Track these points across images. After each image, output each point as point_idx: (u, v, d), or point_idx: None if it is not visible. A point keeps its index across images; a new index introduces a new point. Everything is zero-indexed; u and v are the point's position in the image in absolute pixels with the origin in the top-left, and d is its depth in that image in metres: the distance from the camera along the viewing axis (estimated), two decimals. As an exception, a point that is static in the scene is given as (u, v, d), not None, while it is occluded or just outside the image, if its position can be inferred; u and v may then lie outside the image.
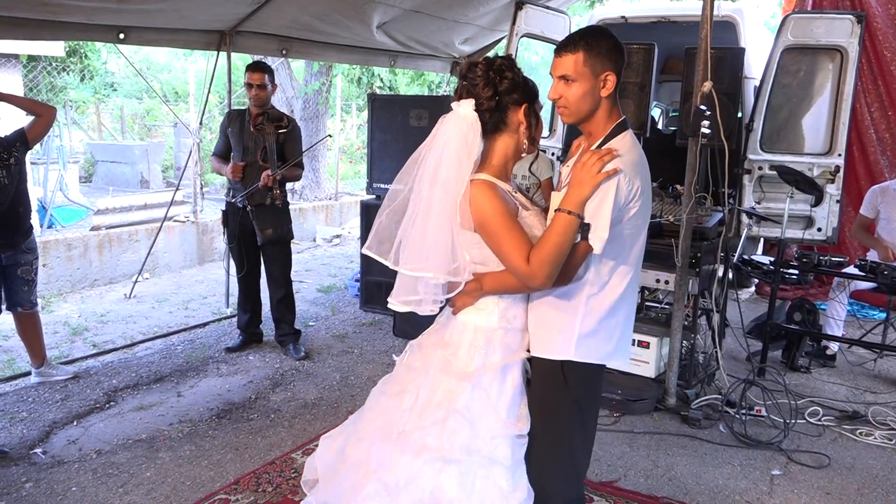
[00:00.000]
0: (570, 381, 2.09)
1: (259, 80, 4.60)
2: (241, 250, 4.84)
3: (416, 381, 2.14)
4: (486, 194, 1.99)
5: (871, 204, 5.22)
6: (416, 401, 2.10)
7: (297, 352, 4.92)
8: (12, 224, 4.03)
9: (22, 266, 4.11)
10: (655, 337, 4.27)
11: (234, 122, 4.75)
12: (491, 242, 2.01)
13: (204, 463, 3.45)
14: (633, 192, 1.97)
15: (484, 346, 2.09)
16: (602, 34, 2.03)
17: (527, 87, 2.06)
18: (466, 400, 2.04)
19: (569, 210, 1.92)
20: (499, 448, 2.03)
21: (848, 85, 5.37)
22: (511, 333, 2.12)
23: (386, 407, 2.18)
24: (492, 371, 2.07)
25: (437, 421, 2.04)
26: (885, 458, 3.72)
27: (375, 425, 2.16)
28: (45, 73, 11.73)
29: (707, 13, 3.80)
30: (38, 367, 4.36)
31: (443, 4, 5.83)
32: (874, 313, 6.12)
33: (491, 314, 2.11)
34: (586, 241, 1.95)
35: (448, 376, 2.08)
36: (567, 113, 2.07)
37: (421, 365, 2.17)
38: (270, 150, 4.60)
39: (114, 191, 10.17)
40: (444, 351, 2.13)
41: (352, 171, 14.93)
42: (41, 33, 4.64)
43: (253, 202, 4.67)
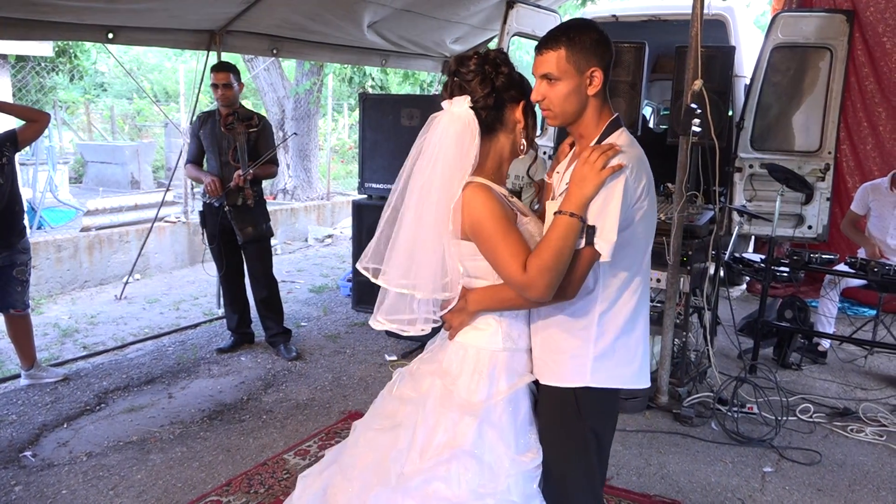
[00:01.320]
0: (585, 410, 1.88)
1: (224, 80, 4.59)
2: (221, 250, 4.82)
3: (412, 415, 1.90)
4: (480, 197, 1.80)
5: (862, 201, 5.25)
6: (413, 438, 1.86)
7: (288, 352, 4.90)
8: (8, 224, 4.04)
9: (17, 266, 4.11)
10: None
11: (206, 123, 4.74)
12: (485, 249, 1.81)
13: (195, 464, 3.44)
14: (641, 190, 1.78)
15: (488, 372, 1.87)
16: (585, 27, 1.85)
17: (523, 83, 1.89)
18: (474, 437, 1.82)
19: (570, 212, 1.72)
20: (511, 487, 1.82)
21: (837, 83, 5.41)
22: (517, 355, 1.92)
23: (378, 444, 1.92)
24: (501, 402, 1.86)
25: (442, 462, 1.81)
26: (876, 455, 3.74)
27: (365, 464, 1.91)
28: (34, 73, 11.66)
29: (697, 12, 3.81)
30: (28, 370, 4.33)
31: (434, 3, 5.82)
32: (864, 310, 6.16)
33: (494, 335, 1.90)
34: (591, 246, 1.74)
35: (450, 410, 1.86)
36: (552, 115, 1.87)
37: (416, 396, 1.93)
38: (241, 150, 4.59)
39: (104, 191, 10.12)
40: (442, 380, 1.90)
41: (344, 170, 14.91)
42: (30, 33, 4.61)
43: (229, 202, 4.66)
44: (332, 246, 9.25)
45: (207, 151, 4.75)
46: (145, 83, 16.66)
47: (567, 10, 11.08)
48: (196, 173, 4.84)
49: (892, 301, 5.72)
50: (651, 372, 4.29)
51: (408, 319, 1.88)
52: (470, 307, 1.88)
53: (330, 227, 10.00)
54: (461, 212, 1.81)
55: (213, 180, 4.63)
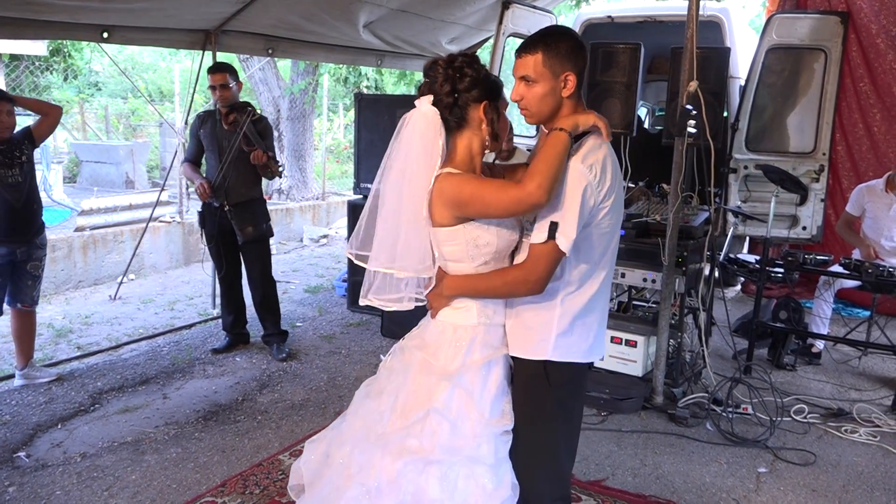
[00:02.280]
0: (553, 381, 2.07)
1: (221, 81, 4.57)
2: (220, 250, 4.81)
3: (395, 382, 2.13)
4: (450, 180, 1.98)
5: (857, 202, 5.26)
6: (395, 402, 2.08)
7: (279, 352, 4.88)
8: (28, 220, 4.15)
9: (32, 261, 4.19)
10: (642, 336, 4.28)
11: (205, 123, 4.72)
12: (477, 208, 1.97)
13: (190, 465, 3.43)
14: (605, 191, 1.96)
15: (465, 345, 2.07)
16: (562, 35, 2.03)
17: (487, 84, 2.03)
18: (446, 399, 2.01)
19: (561, 127, 1.94)
20: (481, 447, 2.00)
21: (832, 84, 5.43)
22: (492, 330, 2.11)
23: (366, 410, 2.15)
24: (473, 369, 2.05)
25: (417, 421, 2.01)
26: (870, 455, 3.75)
27: (356, 429, 2.13)
28: (28, 72, 11.62)
29: (693, 13, 3.82)
30: (23, 369, 4.32)
31: (429, 4, 5.82)
32: (858, 311, 6.17)
33: (469, 311, 2.09)
34: (553, 240, 1.92)
35: (428, 377, 2.06)
36: (529, 114, 2.05)
37: (401, 367, 2.15)
38: (252, 133, 4.54)
39: (98, 191, 10.08)
40: (423, 352, 2.11)
41: (339, 170, 14.89)
42: (24, 32, 4.59)
43: (231, 201, 4.64)
44: (327, 246, 9.24)
45: (207, 151, 4.74)
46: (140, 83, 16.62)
47: (562, 11, 11.09)
48: (190, 173, 4.82)
49: (886, 302, 5.73)
50: (646, 372, 4.31)
51: (395, 298, 2.13)
52: (446, 293, 2.09)
53: (325, 227, 9.99)
54: (434, 201, 2.01)
55: (201, 184, 4.62)
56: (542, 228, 1.94)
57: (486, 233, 2.02)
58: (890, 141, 6.17)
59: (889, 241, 5.07)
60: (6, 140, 4.02)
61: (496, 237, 2.03)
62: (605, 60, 4.98)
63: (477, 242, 2.03)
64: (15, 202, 4.04)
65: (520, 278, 2.01)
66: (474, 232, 2.02)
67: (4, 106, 3.98)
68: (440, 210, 2.01)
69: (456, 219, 2.01)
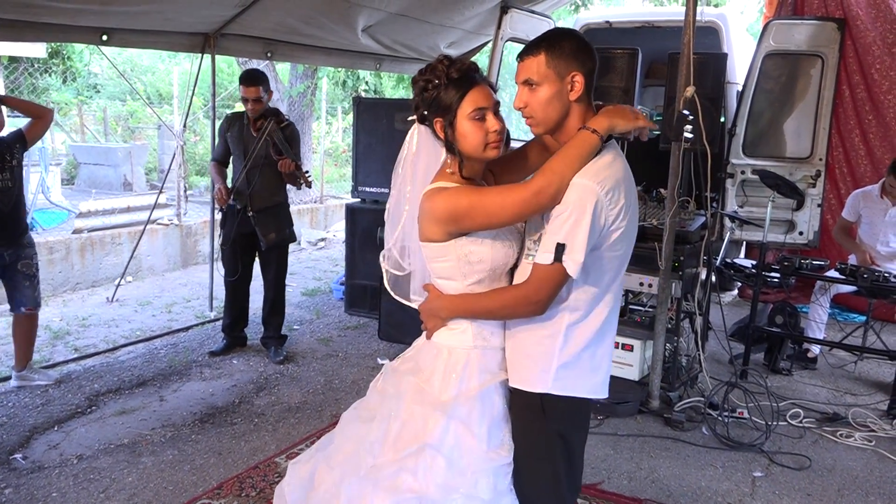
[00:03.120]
0: (550, 415, 1.92)
1: (254, 95, 4.54)
2: (236, 253, 4.82)
3: (387, 409, 1.99)
4: (443, 194, 1.87)
5: (853, 207, 5.28)
6: (387, 431, 1.95)
7: (277, 355, 4.90)
8: (13, 223, 4.15)
9: (22, 260, 4.17)
10: (639, 340, 4.29)
11: (234, 125, 4.73)
12: (478, 216, 1.84)
13: (187, 468, 3.43)
14: (618, 212, 1.80)
15: (460, 371, 1.94)
16: (566, 34, 1.89)
17: (437, 102, 1.88)
18: (441, 433, 1.88)
19: (593, 129, 1.79)
20: (479, 483, 1.87)
21: (828, 90, 5.44)
22: (489, 353, 1.98)
23: (357, 435, 2.03)
24: (469, 398, 1.91)
25: (411, 455, 1.88)
26: (865, 460, 3.76)
27: (345, 454, 2.01)
28: (27, 74, 11.63)
29: (690, 19, 3.84)
30: (20, 371, 4.32)
31: (428, 8, 5.84)
32: (854, 316, 6.19)
33: (465, 333, 1.96)
34: (560, 263, 1.77)
35: (422, 406, 1.93)
36: (535, 122, 1.89)
37: (394, 391, 2.02)
38: (281, 141, 4.54)
39: (96, 193, 10.06)
40: (417, 377, 1.98)
41: (337, 174, 14.88)
42: (24, 35, 4.60)
43: (255, 207, 4.65)
44: (325, 249, 9.25)
45: (233, 154, 4.76)
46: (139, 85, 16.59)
47: (560, 16, 11.12)
48: (214, 175, 4.86)
49: (882, 307, 5.75)
50: (643, 376, 4.32)
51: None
52: (442, 314, 1.98)
53: (323, 230, 10.00)
54: (423, 217, 1.91)
55: (219, 189, 4.68)
56: (548, 249, 1.79)
57: (480, 247, 1.90)
58: (886, 147, 6.19)
59: (885, 246, 5.08)
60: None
61: (490, 253, 1.91)
62: (602, 65, 4.92)
63: (469, 259, 1.91)
64: (3, 206, 4.03)
65: (520, 299, 1.86)
66: (467, 247, 1.89)
67: None
68: (430, 226, 1.90)
69: (448, 234, 1.89)
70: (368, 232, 5.75)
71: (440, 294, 1.99)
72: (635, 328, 4.39)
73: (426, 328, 2.04)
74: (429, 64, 1.94)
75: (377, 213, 5.68)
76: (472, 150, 1.89)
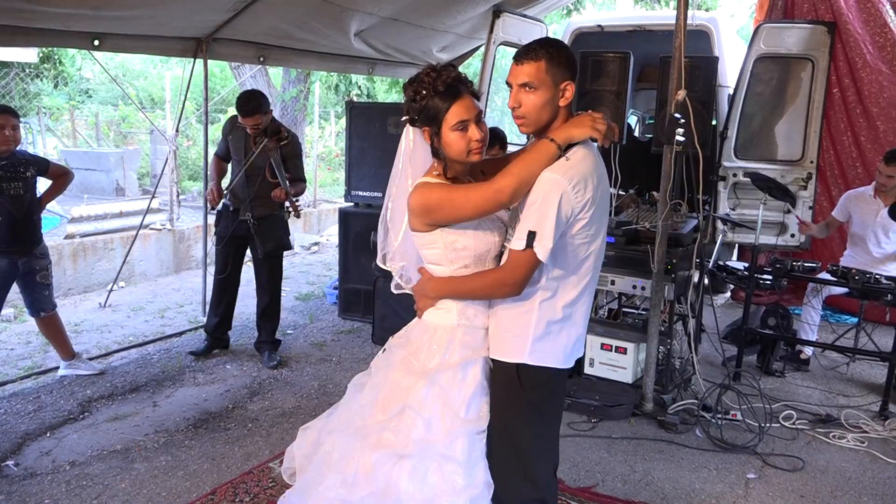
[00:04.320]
0: (526, 384, 2.12)
1: (252, 123, 4.52)
2: (228, 252, 4.84)
3: (378, 377, 2.23)
4: (420, 189, 2.08)
5: (844, 208, 5.30)
6: (377, 396, 2.18)
7: (270, 359, 4.89)
8: (27, 232, 4.27)
9: (39, 272, 4.36)
10: (632, 343, 4.30)
11: (235, 129, 4.74)
12: (446, 210, 2.05)
13: (180, 473, 3.42)
14: (583, 203, 1.99)
15: (444, 345, 2.15)
16: (562, 45, 2.09)
17: (425, 113, 2.07)
18: (422, 396, 2.09)
19: (551, 138, 1.98)
20: (454, 444, 2.06)
21: (819, 93, 5.48)
22: (472, 332, 2.18)
23: (352, 402, 2.27)
24: (451, 369, 2.12)
25: (394, 416, 2.11)
26: (858, 461, 3.78)
27: (342, 419, 2.24)
28: (18, 79, 11.58)
29: (681, 22, 3.85)
30: (69, 361, 4.60)
31: (420, 13, 5.84)
32: (846, 318, 6.22)
33: (450, 312, 2.17)
34: (531, 248, 1.97)
35: (408, 374, 2.14)
36: (526, 122, 2.07)
37: (385, 362, 2.25)
38: (277, 165, 4.56)
39: (88, 198, 10.02)
40: (405, 350, 2.21)
41: (330, 178, 14.88)
42: (15, 39, 4.57)
43: (255, 214, 4.68)
44: (318, 253, 9.23)
45: (233, 157, 4.78)
46: (131, 90, 16.58)
47: (552, 20, 11.16)
48: (212, 170, 4.88)
49: (873, 309, 5.77)
50: (636, 379, 4.33)
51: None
52: (431, 294, 2.18)
53: (316, 234, 9.98)
54: (410, 210, 2.12)
55: (211, 190, 4.73)
56: (521, 237, 1.99)
57: (463, 236, 2.10)
58: (876, 149, 6.22)
59: (876, 246, 5.10)
60: (11, 155, 4.13)
61: (473, 241, 2.11)
62: (594, 69, 5.02)
63: (454, 246, 2.11)
64: (17, 213, 4.16)
65: (498, 281, 2.08)
66: (451, 236, 2.10)
67: (10, 121, 4.09)
68: (411, 218, 2.12)
69: (426, 225, 2.10)
70: (362, 236, 5.75)
71: (430, 276, 2.20)
72: (628, 331, 4.40)
73: (418, 308, 2.24)
74: (417, 74, 2.11)
75: (370, 218, 5.72)
76: (456, 156, 2.10)
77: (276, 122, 4.75)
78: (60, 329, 4.58)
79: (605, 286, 4.34)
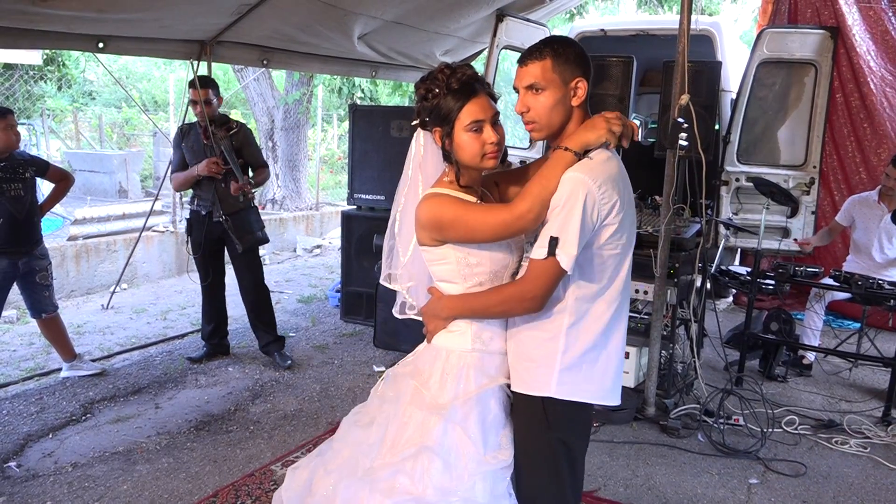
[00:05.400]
0: (552, 420, 1.91)
1: (204, 97, 4.61)
2: (206, 259, 4.83)
3: (386, 412, 2.00)
4: (433, 200, 1.90)
5: (848, 213, 5.30)
6: (385, 434, 1.95)
7: (283, 360, 4.89)
8: (27, 232, 4.29)
9: (38, 272, 4.38)
10: (634, 347, 4.29)
11: (188, 135, 4.76)
12: (459, 229, 1.87)
13: (182, 476, 3.42)
14: (610, 207, 1.79)
15: (458, 374, 1.94)
16: (568, 41, 1.90)
17: (435, 112, 1.90)
18: (439, 435, 1.87)
19: (566, 147, 1.80)
20: (476, 486, 1.86)
21: (822, 98, 5.48)
22: (487, 357, 1.97)
23: (355, 439, 2.03)
24: (466, 402, 1.91)
25: (408, 458, 1.87)
26: (860, 467, 3.77)
27: (343, 459, 2.01)
28: (22, 81, 11.61)
29: (684, 27, 3.86)
30: (71, 362, 4.60)
31: (424, 16, 5.85)
32: (849, 323, 6.21)
33: (463, 335, 1.96)
34: (554, 257, 1.77)
35: (420, 408, 1.93)
36: (537, 127, 1.89)
37: (393, 395, 2.02)
38: (228, 152, 4.60)
39: (91, 200, 10.06)
40: (415, 380, 1.98)
41: (333, 181, 14.90)
42: (20, 42, 4.59)
43: (226, 211, 4.66)
44: (320, 256, 9.24)
45: (191, 164, 4.74)
46: (134, 92, 16.63)
47: (555, 25, 11.17)
48: (184, 174, 4.78)
49: (876, 314, 5.77)
50: (638, 383, 4.32)
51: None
52: (443, 314, 1.97)
53: (319, 237, 9.99)
54: (417, 222, 1.93)
55: (207, 161, 4.58)
56: (542, 244, 1.79)
57: (477, 251, 1.91)
58: (880, 154, 6.22)
59: (879, 252, 5.10)
60: (11, 156, 4.18)
61: (489, 255, 1.92)
62: (598, 73, 5.01)
63: (467, 261, 1.92)
64: (17, 214, 4.18)
65: (516, 295, 1.86)
66: (462, 251, 1.91)
67: (9, 120, 4.13)
68: (419, 231, 1.94)
69: (434, 241, 1.92)
70: (364, 239, 5.75)
71: (441, 295, 1.99)
72: (631, 335, 4.38)
73: (427, 331, 2.03)
74: (430, 72, 1.95)
75: (373, 221, 5.73)
76: (469, 160, 1.91)
77: (223, 115, 4.85)
78: (62, 331, 4.59)
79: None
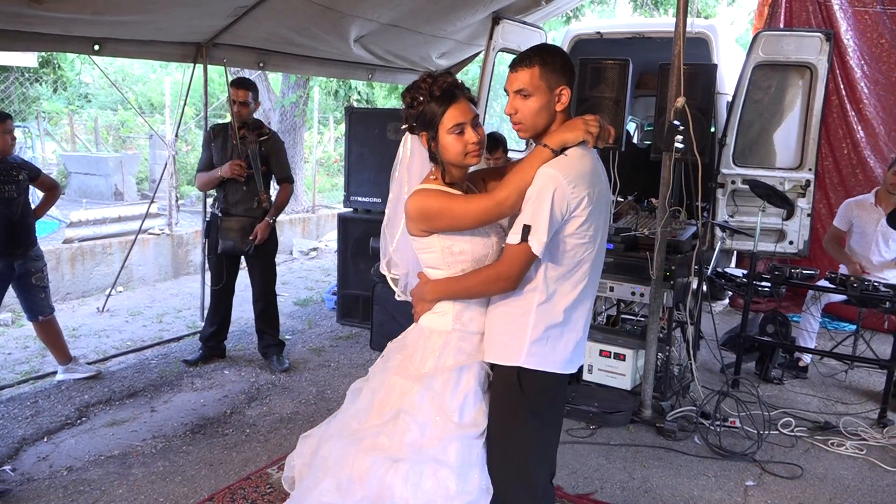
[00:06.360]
0: (526, 389, 2.11)
1: (243, 98, 4.66)
2: (222, 261, 4.83)
3: (375, 381, 2.26)
4: (420, 195, 2.11)
5: (845, 216, 5.31)
6: (372, 400, 2.20)
7: (280, 363, 4.90)
8: (21, 234, 4.29)
9: (34, 274, 4.37)
10: (631, 349, 4.30)
11: (218, 136, 4.77)
12: (445, 218, 2.08)
13: (177, 479, 3.41)
14: (578, 200, 1.99)
15: (439, 350, 2.17)
16: (556, 50, 2.11)
17: (420, 118, 2.11)
18: (416, 401, 2.10)
19: (544, 143, 2.03)
20: (448, 449, 2.06)
21: (817, 101, 5.49)
22: (466, 337, 2.19)
23: (349, 407, 2.29)
24: (445, 373, 2.13)
25: (389, 420, 2.12)
26: (856, 468, 3.77)
27: (340, 424, 2.25)
28: (18, 83, 11.59)
29: (680, 30, 3.87)
30: (66, 365, 4.59)
31: (420, 19, 5.85)
32: (845, 325, 6.22)
33: (445, 316, 2.18)
34: (526, 242, 1.98)
35: (403, 378, 2.16)
36: (523, 128, 2.10)
37: (382, 367, 2.28)
38: (253, 157, 4.63)
39: (87, 203, 10.04)
40: (401, 354, 2.23)
41: (329, 183, 14.88)
42: (15, 44, 4.58)
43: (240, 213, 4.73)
44: (316, 259, 9.23)
45: (217, 165, 4.76)
46: (130, 94, 16.59)
47: (551, 27, 11.18)
48: (207, 175, 4.78)
49: (872, 316, 5.78)
50: (635, 386, 4.32)
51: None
52: (428, 297, 2.20)
53: (315, 239, 9.98)
54: (407, 215, 2.15)
55: (231, 162, 4.60)
56: (517, 230, 2.01)
57: (460, 240, 2.12)
58: (876, 157, 6.25)
59: (877, 255, 5.11)
60: (4, 160, 4.18)
61: (471, 244, 2.12)
62: (594, 76, 5.03)
63: (451, 250, 2.13)
64: (11, 215, 4.19)
65: (493, 276, 2.08)
66: (447, 240, 2.12)
67: (7, 125, 4.14)
68: (409, 223, 2.15)
69: (423, 231, 2.13)
70: (361, 241, 5.75)
71: (427, 279, 2.22)
72: (627, 338, 4.40)
73: (415, 312, 2.27)
74: (414, 81, 2.15)
75: (369, 223, 5.73)
76: (453, 159, 2.13)
77: (257, 120, 4.87)
78: (58, 333, 4.58)
79: (603, 293, 4.33)
